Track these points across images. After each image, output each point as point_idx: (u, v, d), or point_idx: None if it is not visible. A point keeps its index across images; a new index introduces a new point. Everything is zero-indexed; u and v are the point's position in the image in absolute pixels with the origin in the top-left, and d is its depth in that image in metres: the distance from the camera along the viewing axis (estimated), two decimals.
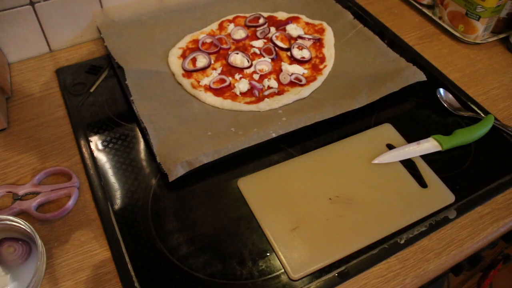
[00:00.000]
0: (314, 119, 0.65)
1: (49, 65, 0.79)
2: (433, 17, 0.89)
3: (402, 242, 0.55)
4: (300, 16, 0.86)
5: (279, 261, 0.52)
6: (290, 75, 0.73)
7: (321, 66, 0.76)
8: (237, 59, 0.76)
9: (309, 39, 0.80)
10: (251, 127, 0.64)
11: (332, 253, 0.53)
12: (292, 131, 0.64)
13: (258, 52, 0.78)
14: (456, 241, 0.55)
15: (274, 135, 0.63)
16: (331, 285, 0.51)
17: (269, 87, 0.72)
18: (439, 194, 0.59)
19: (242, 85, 0.71)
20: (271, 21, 0.85)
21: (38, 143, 0.66)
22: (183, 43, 0.79)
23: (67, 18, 0.78)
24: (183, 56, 0.77)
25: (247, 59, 0.76)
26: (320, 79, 0.73)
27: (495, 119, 0.68)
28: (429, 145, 0.64)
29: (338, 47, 0.80)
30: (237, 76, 0.74)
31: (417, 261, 0.54)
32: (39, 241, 0.49)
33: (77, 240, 0.55)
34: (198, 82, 0.72)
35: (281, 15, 0.86)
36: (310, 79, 0.73)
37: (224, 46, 0.79)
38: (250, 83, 0.72)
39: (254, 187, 0.59)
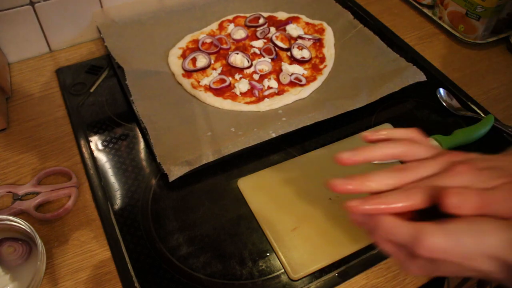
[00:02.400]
0: (314, 119, 0.65)
1: (49, 65, 0.79)
2: (433, 17, 0.89)
3: None
4: (300, 16, 0.86)
5: (279, 261, 0.52)
6: (290, 75, 0.73)
7: (321, 66, 0.76)
8: (237, 59, 0.76)
9: (309, 39, 0.80)
10: (251, 127, 0.64)
11: (332, 253, 0.53)
12: (292, 131, 0.64)
13: (258, 52, 0.78)
14: None
15: (274, 135, 0.63)
16: (331, 285, 0.51)
17: (269, 87, 0.72)
18: None
19: (242, 85, 0.71)
20: (271, 21, 0.85)
21: (38, 143, 0.66)
22: (183, 43, 0.79)
23: (67, 18, 0.78)
24: (183, 56, 0.77)
25: (247, 59, 0.76)
26: (320, 79, 0.73)
27: (495, 119, 0.67)
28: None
29: (338, 47, 0.80)
30: (237, 76, 0.74)
31: None
32: (39, 241, 0.49)
33: (77, 240, 0.55)
34: (198, 82, 0.72)
35: (281, 15, 0.86)
36: (310, 79, 0.73)
37: (224, 46, 0.79)
38: (250, 83, 0.72)
39: (254, 187, 0.59)
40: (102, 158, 0.63)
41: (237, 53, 0.77)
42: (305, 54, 0.77)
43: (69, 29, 0.80)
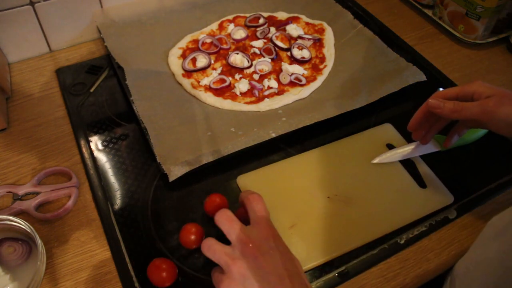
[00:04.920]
0: (314, 119, 0.65)
1: (49, 65, 0.79)
2: (433, 17, 0.89)
3: (402, 242, 0.55)
4: (300, 16, 0.86)
5: None
6: (290, 75, 0.73)
7: (321, 66, 0.76)
8: (237, 59, 0.76)
9: (309, 39, 0.80)
10: (251, 127, 0.64)
11: (329, 251, 0.53)
12: (292, 131, 0.64)
13: (258, 52, 0.78)
14: (456, 241, 0.55)
15: (274, 135, 0.63)
16: (331, 285, 0.51)
17: (269, 87, 0.72)
18: (438, 195, 0.59)
19: (242, 85, 0.71)
20: (271, 21, 0.85)
21: (38, 143, 0.66)
22: (183, 43, 0.79)
23: (67, 18, 0.78)
24: (183, 56, 0.77)
25: (247, 59, 0.76)
26: (320, 79, 0.73)
27: None
28: (429, 145, 0.64)
29: (338, 47, 0.80)
30: (237, 76, 0.74)
31: (417, 261, 0.54)
32: (39, 241, 0.49)
33: (77, 240, 0.55)
34: (198, 82, 0.72)
35: (281, 15, 0.86)
36: (310, 79, 0.73)
37: (224, 46, 0.79)
38: (250, 83, 0.72)
39: (253, 184, 0.59)
40: (102, 158, 0.63)
41: (237, 53, 0.77)
42: (305, 54, 0.77)
43: (69, 29, 0.80)
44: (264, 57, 0.77)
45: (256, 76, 0.74)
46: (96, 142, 0.66)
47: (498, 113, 0.47)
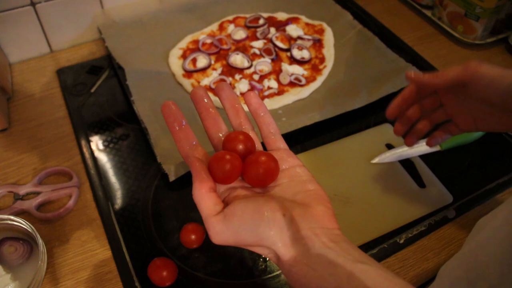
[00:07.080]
0: (314, 119, 0.65)
1: (50, 65, 0.79)
2: (432, 17, 0.89)
3: (402, 241, 0.55)
4: (300, 16, 0.86)
5: None
6: (290, 76, 0.73)
7: (320, 67, 0.76)
8: (237, 59, 0.76)
9: (308, 39, 0.80)
10: None
11: None
12: (292, 131, 0.64)
13: (258, 52, 0.78)
14: (455, 241, 0.56)
15: None
16: None
17: (269, 88, 0.72)
18: (436, 195, 0.59)
19: (242, 86, 0.71)
20: (271, 21, 0.85)
21: (39, 143, 0.66)
22: (184, 43, 0.79)
23: (68, 18, 0.79)
24: (184, 56, 0.77)
25: (247, 59, 0.76)
26: (320, 80, 0.74)
27: None
28: None
29: (338, 48, 0.80)
30: (237, 77, 0.74)
31: (416, 260, 0.54)
32: (40, 241, 0.49)
33: (78, 240, 0.55)
34: (199, 82, 0.73)
35: (281, 16, 0.86)
36: (309, 80, 0.73)
37: (224, 46, 0.79)
38: (250, 84, 0.72)
39: None
40: (103, 158, 0.64)
41: (237, 54, 0.77)
42: (305, 54, 0.78)
43: (70, 29, 0.80)
44: (264, 57, 0.77)
45: (256, 77, 0.74)
46: (96, 142, 0.66)
47: (480, 69, 0.46)
